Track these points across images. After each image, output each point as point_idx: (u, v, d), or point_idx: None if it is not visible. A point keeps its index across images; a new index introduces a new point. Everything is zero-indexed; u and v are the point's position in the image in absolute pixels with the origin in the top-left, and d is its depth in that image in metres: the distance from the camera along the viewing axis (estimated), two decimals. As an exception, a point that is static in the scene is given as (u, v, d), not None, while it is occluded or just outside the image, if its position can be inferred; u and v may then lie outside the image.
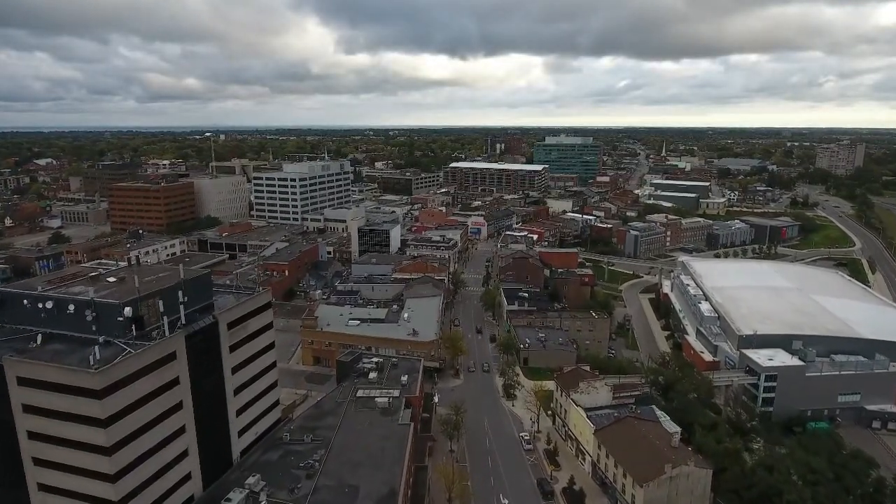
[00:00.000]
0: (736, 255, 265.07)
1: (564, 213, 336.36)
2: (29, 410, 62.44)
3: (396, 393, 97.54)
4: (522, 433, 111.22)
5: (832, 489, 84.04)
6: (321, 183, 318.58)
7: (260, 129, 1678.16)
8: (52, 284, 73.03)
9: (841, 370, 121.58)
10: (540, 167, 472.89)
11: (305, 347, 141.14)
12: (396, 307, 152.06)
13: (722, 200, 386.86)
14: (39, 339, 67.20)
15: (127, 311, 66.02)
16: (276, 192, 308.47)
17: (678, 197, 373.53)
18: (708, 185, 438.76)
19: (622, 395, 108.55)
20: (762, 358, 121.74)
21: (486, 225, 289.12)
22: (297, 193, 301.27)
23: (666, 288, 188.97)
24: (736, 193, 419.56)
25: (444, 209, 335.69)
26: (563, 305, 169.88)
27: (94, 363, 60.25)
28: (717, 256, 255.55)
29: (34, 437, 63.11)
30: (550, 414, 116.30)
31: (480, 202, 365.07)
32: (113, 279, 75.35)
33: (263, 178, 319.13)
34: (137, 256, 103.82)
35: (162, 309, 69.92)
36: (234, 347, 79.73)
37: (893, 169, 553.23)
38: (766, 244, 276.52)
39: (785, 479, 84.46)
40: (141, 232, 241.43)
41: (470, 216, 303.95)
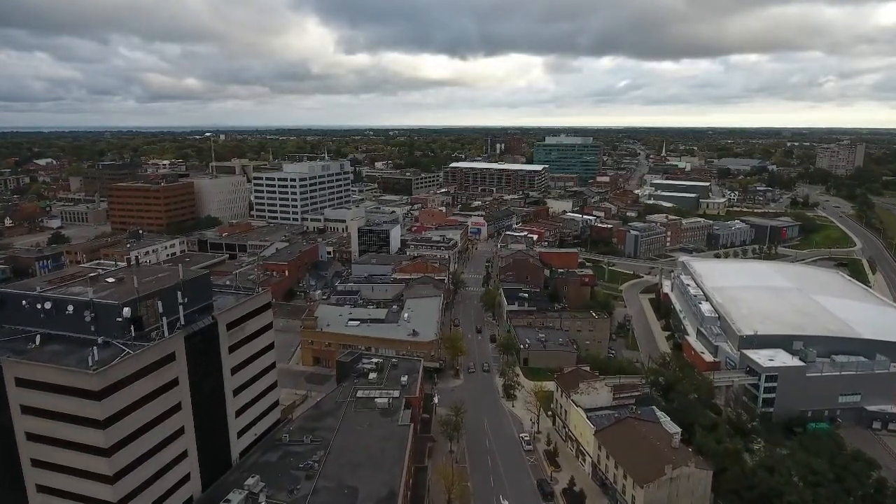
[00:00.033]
0: (736, 255, 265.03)
1: (564, 213, 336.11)
2: (27, 411, 62.32)
3: (396, 393, 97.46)
4: (522, 434, 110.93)
5: (833, 490, 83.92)
6: (321, 183, 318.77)
7: (260, 129, 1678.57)
8: (50, 285, 72.90)
9: (841, 371, 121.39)
10: (540, 167, 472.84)
11: (305, 348, 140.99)
12: (396, 307, 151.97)
13: (722, 200, 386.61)
14: (38, 339, 67.11)
15: (126, 311, 65.89)
16: (276, 192, 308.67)
17: (678, 197, 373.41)
18: (708, 185, 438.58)
19: (622, 395, 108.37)
20: (763, 358, 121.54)
21: (486, 225, 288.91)
22: (297, 193, 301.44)
23: (666, 288, 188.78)
24: (736, 193, 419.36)
25: (444, 209, 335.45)
26: (563, 306, 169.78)
27: (92, 364, 60.10)
28: (717, 256, 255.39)
29: (32, 438, 62.98)
30: (550, 414, 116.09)
31: (480, 202, 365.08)
32: (112, 280, 75.17)
33: (263, 178, 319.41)
34: (137, 257, 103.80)
35: (161, 310, 69.74)
36: (233, 348, 79.59)
37: (893, 169, 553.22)
38: (766, 244, 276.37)
39: (786, 480, 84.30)
40: (141, 232, 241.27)
41: (470, 216, 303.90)
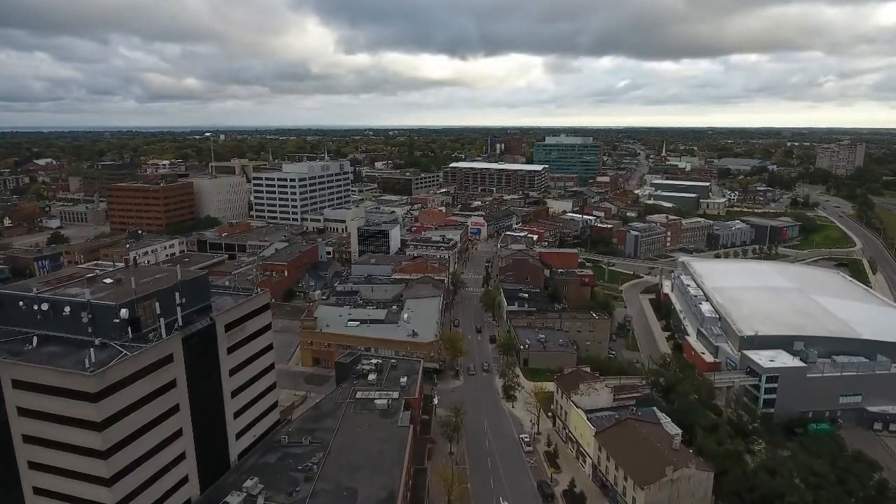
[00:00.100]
0: (736, 255, 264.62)
1: (564, 213, 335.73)
2: (24, 414, 61.96)
3: (396, 394, 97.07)
4: (522, 435, 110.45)
5: (834, 492, 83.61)
6: (321, 183, 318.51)
7: (260, 129, 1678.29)
8: (48, 286, 72.59)
9: (842, 371, 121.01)
10: (540, 167, 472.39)
11: (304, 348, 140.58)
12: (396, 308, 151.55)
13: (722, 200, 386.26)
14: (35, 341, 66.76)
15: (123, 312, 65.60)
16: (275, 192, 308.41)
17: (678, 197, 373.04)
18: (708, 185, 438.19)
19: (623, 396, 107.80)
20: (763, 359, 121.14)
21: (485, 225, 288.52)
22: (296, 193, 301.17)
23: (666, 288, 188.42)
24: (736, 193, 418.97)
25: (443, 209, 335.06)
26: (563, 306, 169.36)
27: (89, 366, 59.69)
28: (717, 257, 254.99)
29: (29, 440, 62.61)
30: (550, 415, 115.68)
31: (480, 202, 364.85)
32: (110, 280, 74.85)
33: (263, 178, 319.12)
34: (135, 257, 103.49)
35: (159, 311, 69.41)
36: (231, 349, 79.20)
37: (894, 169, 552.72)
38: (766, 244, 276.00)
39: (787, 482, 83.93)
40: (140, 232, 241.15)
41: (470, 216, 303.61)
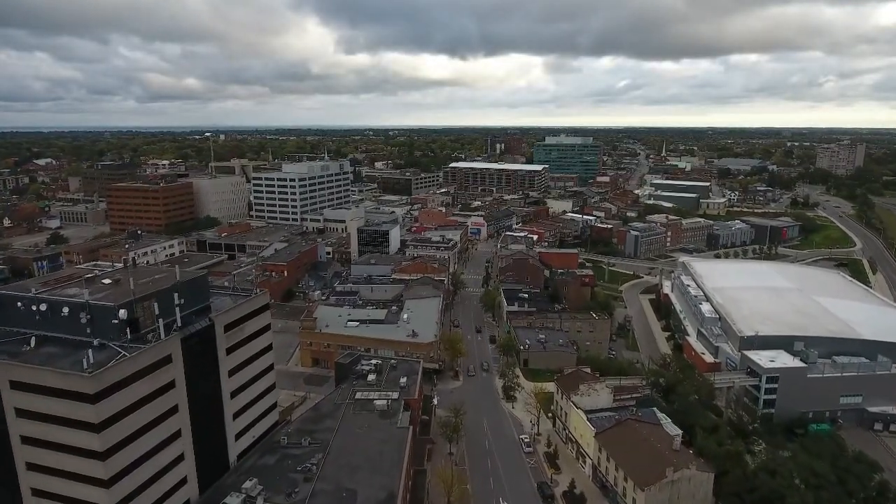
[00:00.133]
0: (736, 255, 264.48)
1: (564, 213, 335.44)
2: (22, 414, 61.74)
3: (395, 395, 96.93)
4: (522, 436, 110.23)
5: (835, 493, 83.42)
6: (320, 183, 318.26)
7: (260, 129, 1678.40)
8: (46, 286, 72.39)
9: (843, 372, 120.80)
10: (540, 167, 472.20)
11: (304, 349, 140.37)
12: (396, 308, 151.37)
13: (722, 200, 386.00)
14: (33, 341, 66.53)
15: (122, 313, 65.40)
16: (275, 192, 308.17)
17: (678, 197, 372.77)
18: (708, 185, 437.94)
19: (623, 397, 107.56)
20: (763, 359, 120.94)
21: (485, 225, 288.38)
22: (296, 194, 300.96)
23: (666, 288, 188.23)
24: (736, 193, 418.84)
25: (443, 209, 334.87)
26: (563, 306, 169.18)
27: (87, 367, 59.45)
28: (717, 257, 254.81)
29: (27, 441, 62.40)
30: (550, 416, 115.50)
31: (480, 202, 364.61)
32: (108, 281, 74.64)
33: (263, 178, 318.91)
34: (134, 257, 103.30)
35: (157, 311, 69.17)
36: (230, 350, 78.95)
37: (894, 169, 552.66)
38: (766, 244, 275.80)
39: (787, 482, 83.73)
40: (140, 232, 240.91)
41: (470, 216, 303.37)
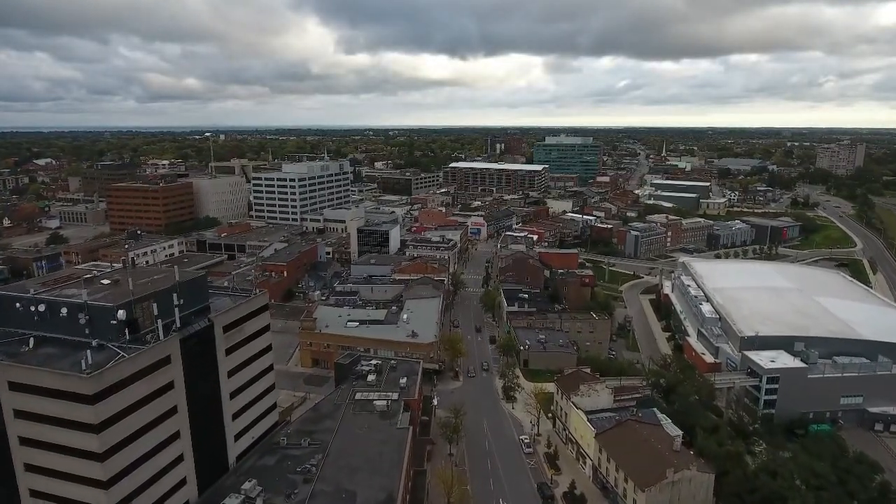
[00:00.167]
0: (737, 255, 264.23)
1: (564, 213, 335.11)
2: (20, 416, 61.58)
3: (395, 396, 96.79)
4: (522, 436, 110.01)
5: (836, 494, 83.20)
6: (320, 183, 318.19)
7: (260, 129, 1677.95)
8: (45, 287, 72.19)
9: (843, 372, 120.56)
10: (540, 167, 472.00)
11: (304, 349, 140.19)
12: (395, 308, 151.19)
13: (722, 201, 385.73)
14: (32, 342, 66.32)
15: (120, 314, 65.18)
16: (275, 192, 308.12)
17: (678, 197, 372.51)
18: (708, 185, 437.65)
19: (623, 397, 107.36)
20: (764, 360, 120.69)
21: (485, 225, 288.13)
22: (296, 194, 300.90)
23: (666, 289, 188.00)
24: (736, 193, 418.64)
25: (443, 209, 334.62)
26: (563, 306, 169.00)
27: (86, 368, 59.25)
28: (717, 257, 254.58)
29: (26, 442, 62.24)
30: (550, 417, 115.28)
31: (480, 202, 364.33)
32: (107, 281, 74.46)
33: (262, 178, 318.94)
34: (133, 258, 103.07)
35: (156, 312, 68.91)
36: (230, 350, 78.79)
37: (894, 169, 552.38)
38: (766, 244, 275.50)
39: (788, 483, 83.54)
40: (139, 232, 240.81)
41: (470, 216, 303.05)
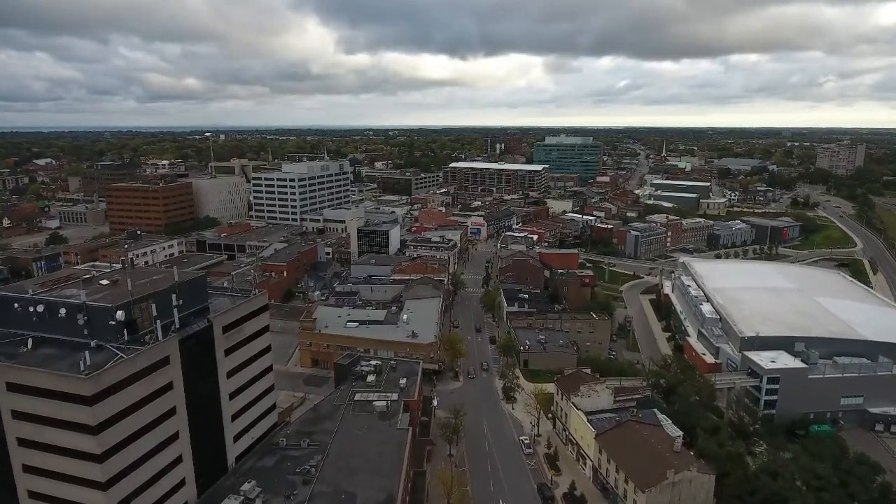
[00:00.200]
0: (737, 255, 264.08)
1: (564, 213, 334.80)
2: (18, 417, 61.35)
3: (395, 396, 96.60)
4: (522, 437, 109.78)
5: (837, 495, 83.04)
6: (320, 183, 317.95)
7: (260, 129, 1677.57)
8: (43, 287, 71.96)
9: (844, 372, 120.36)
10: (540, 167, 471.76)
11: (303, 349, 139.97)
12: (395, 309, 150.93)
13: (722, 201, 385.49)
14: (30, 343, 66.11)
15: (119, 314, 64.98)
16: (275, 192, 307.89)
17: (678, 197, 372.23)
18: (708, 185, 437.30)
19: (623, 398, 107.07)
20: (764, 360, 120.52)
21: (485, 225, 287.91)
22: (296, 194, 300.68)
23: (667, 289, 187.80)
24: (736, 193, 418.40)
25: (443, 209, 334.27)
26: (563, 307, 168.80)
27: (84, 368, 59.06)
28: (717, 257, 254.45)
29: (24, 443, 61.99)
30: (550, 417, 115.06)
31: (480, 202, 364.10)
32: (106, 282, 74.25)
33: (262, 178, 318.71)
34: (132, 258, 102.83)
35: (155, 312, 68.71)
36: (229, 351, 78.58)
37: (894, 169, 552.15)
38: (767, 245, 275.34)
39: (789, 484, 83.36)
40: (139, 232, 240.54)
41: (470, 217, 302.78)
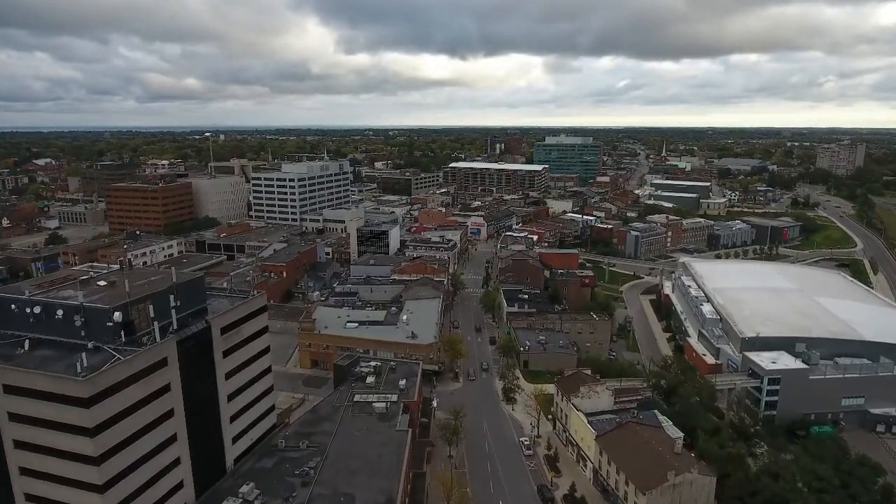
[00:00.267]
0: (737, 255, 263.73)
1: (564, 213, 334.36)
2: (15, 419, 61.04)
3: (394, 397, 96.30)
4: (522, 438, 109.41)
5: (838, 497, 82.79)
6: (320, 183, 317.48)
7: (260, 129, 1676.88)
8: (41, 288, 71.54)
9: (845, 373, 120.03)
10: (540, 167, 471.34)
11: (303, 350, 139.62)
12: (395, 309, 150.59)
13: (722, 201, 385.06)
14: (27, 344, 65.71)
15: (116, 316, 64.58)
16: (274, 192, 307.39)
17: (678, 197, 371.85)
18: (708, 185, 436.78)
19: (624, 399, 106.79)
20: (765, 361, 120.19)
21: (485, 225, 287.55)
22: (295, 194, 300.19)
23: (667, 289, 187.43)
24: (736, 193, 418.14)
25: (443, 209, 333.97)
26: (563, 307, 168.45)
27: (81, 370, 58.70)
28: (718, 257, 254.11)
29: (21, 446, 61.68)
30: (551, 418, 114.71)
31: (480, 202, 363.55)
32: (103, 283, 73.88)
33: (262, 178, 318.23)
34: (130, 259, 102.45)
35: (153, 313, 68.33)
36: (227, 352, 78.21)
37: (894, 169, 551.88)
38: (767, 245, 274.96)
39: (790, 486, 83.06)
40: (138, 233, 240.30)
41: (469, 217, 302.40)
